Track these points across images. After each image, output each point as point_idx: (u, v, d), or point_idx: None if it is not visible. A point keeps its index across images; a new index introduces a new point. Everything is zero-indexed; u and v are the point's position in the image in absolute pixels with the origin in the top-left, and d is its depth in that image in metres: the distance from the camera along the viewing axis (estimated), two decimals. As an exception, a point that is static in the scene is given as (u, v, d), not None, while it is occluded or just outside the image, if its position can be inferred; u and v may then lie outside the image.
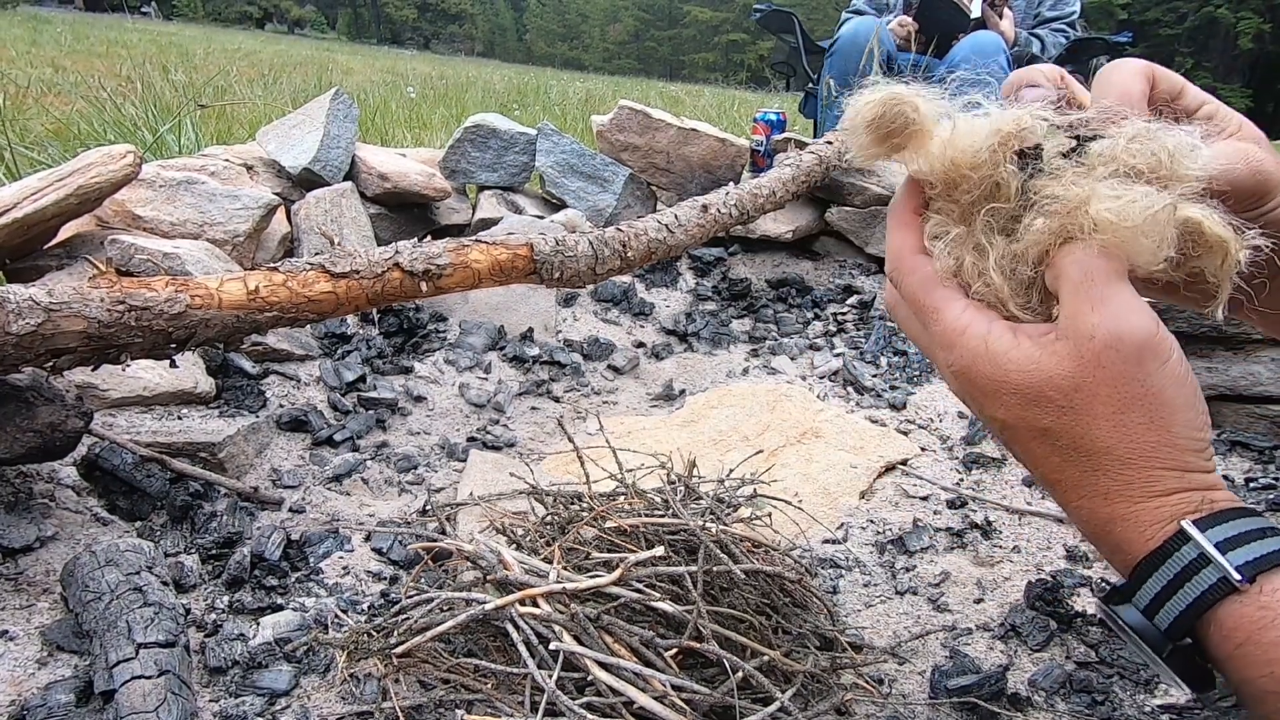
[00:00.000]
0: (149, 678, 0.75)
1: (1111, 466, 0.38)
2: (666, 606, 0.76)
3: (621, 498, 1.02)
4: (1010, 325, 0.41)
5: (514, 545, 0.97)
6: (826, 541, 1.19)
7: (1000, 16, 2.67)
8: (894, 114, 0.43)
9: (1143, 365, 0.37)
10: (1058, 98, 0.43)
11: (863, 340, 1.89)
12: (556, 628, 0.75)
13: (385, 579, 1.07)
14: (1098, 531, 0.40)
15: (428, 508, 1.20)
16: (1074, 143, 0.41)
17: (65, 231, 1.45)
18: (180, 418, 1.25)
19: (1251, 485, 1.25)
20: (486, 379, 1.65)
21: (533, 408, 1.60)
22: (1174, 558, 0.37)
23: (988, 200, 0.42)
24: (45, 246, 1.42)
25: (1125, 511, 0.39)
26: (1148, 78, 0.43)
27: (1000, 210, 0.42)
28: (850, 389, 1.70)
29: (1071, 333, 0.38)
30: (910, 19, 2.70)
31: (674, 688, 0.70)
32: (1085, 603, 1.04)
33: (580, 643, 0.74)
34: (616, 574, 0.77)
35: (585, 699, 0.71)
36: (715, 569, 0.83)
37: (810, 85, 3.24)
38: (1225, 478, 1.26)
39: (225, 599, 0.97)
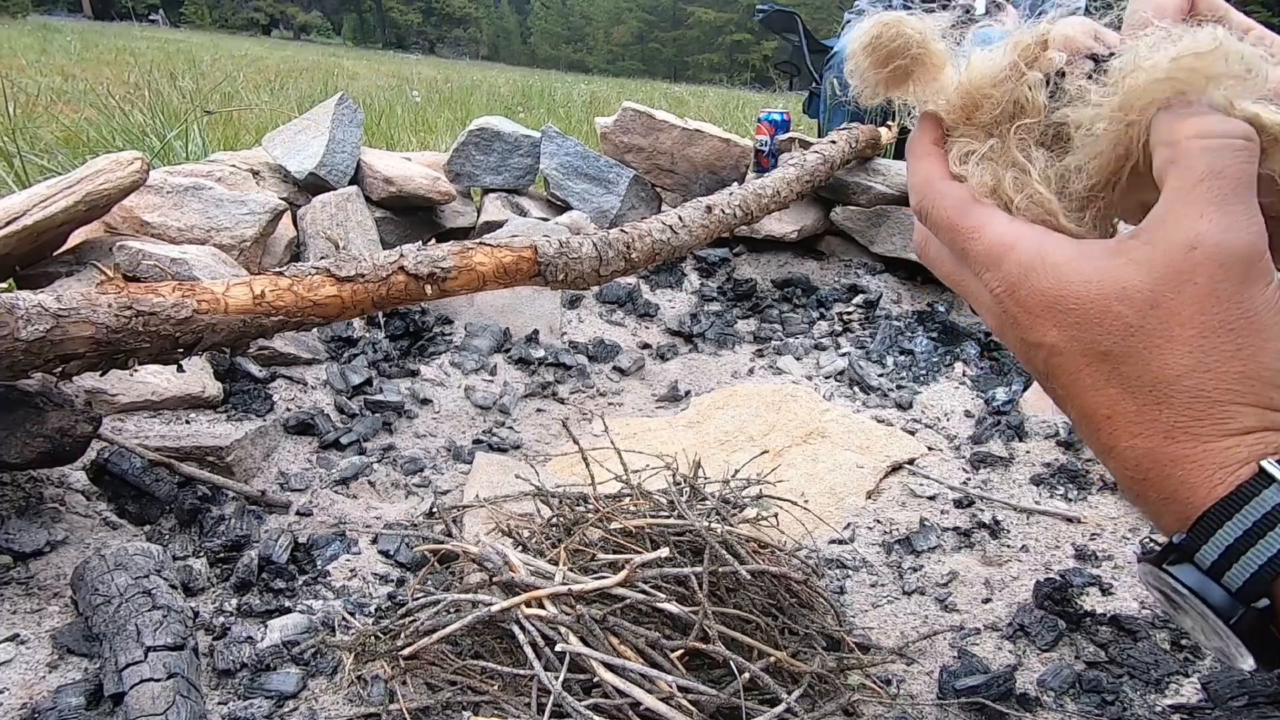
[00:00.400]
0: (158, 680, 0.75)
1: (1179, 398, 0.33)
2: (672, 608, 0.76)
3: (627, 499, 1.02)
4: (1069, 238, 0.36)
5: (520, 547, 0.97)
6: (833, 542, 1.19)
7: (1002, 11, 2.66)
8: (890, 35, 0.41)
9: (1247, 285, 0.32)
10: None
11: (869, 340, 1.88)
12: (562, 629, 0.75)
13: (392, 581, 1.07)
14: (1150, 477, 0.34)
15: (434, 510, 1.20)
16: (1091, 64, 0.38)
17: (74, 238, 1.46)
18: (188, 422, 1.26)
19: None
20: (492, 381, 1.66)
21: (538, 410, 1.60)
22: (1252, 504, 0.31)
23: (1014, 119, 0.39)
24: (55, 253, 1.43)
25: (1190, 451, 0.33)
26: None
27: (1032, 125, 0.39)
28: (856, 389, 1.69)
29: (1164, 238, 0.32)
30: None
31: (680, 689, 0.70)
32: (1094, 602, 1.04)
33: (586, 644, 0.74)
34: (622, 575, 0.77)
35: (592, 700, 0.71)
36: (721, 570, 0.83)
37: (814, 85, 3.23)
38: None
39: (233, 602, 0.98)
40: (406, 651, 0.79)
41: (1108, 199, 0.38)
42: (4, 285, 1.39)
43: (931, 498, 1.30)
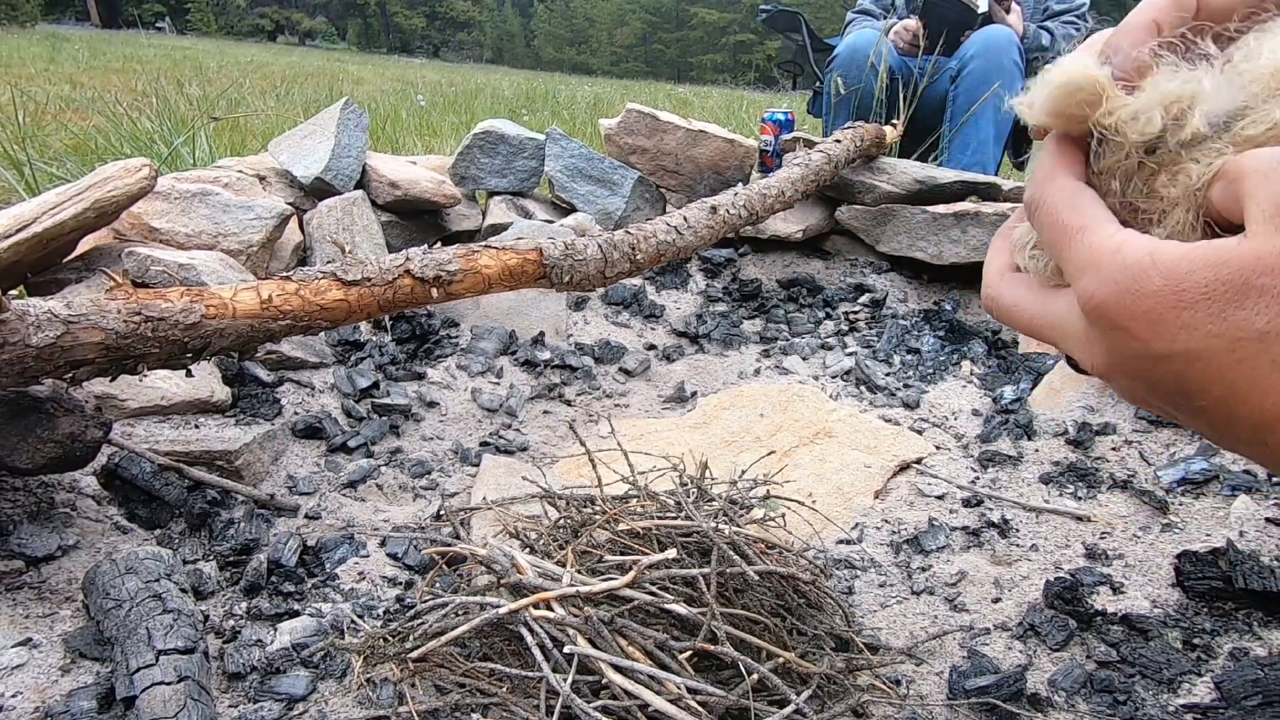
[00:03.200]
0: (169, 684, 0.76)
1: None
2: (680, 609, 0.76)
3: (634, 500, 1.02)
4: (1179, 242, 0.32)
5: (527, 549, 0.97)
6: (841, 542, 1.19)
7: (1008, 11, 2.64)
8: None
9: None
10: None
11: (875, 339, 1.88)
12: (571, 631, 0.75)
13: (400, 584, 1.07)
14: None
15: (442, 513, 1.21)
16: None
17: (84, 245, 1.47)
18: (197, 426, 1.26)
19: (1275, 480, 1.23)
20: (498, 384, 1.66)
21: (545, 411, 1.60)
22: None
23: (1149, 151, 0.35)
24: (64, 260, 1.45)
25: None
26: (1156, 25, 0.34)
27: (1155, 163, 0.35)
28: (863, 388, 1.69)
29: (1270, 198, 0.28)
30: (915, 20, 2.68)
31: (689, 690, 0.70)
32: (1105, 601, 1.03)
33: (594, 646, 0.74)
34: (630, 576, 0.77)
35: (600, 702, 0.71)
36: (729, 571, 0.83)
37: (818, 84, 3.22)
38: (1247, 472, 1.24)
39: (243, 605, 0.98)
40: (415, 654, 0.79)
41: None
42: (15, 292, 1.40)
43: (940, 497, 1.30)
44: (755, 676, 0.73)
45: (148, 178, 1.37)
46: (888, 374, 1.74)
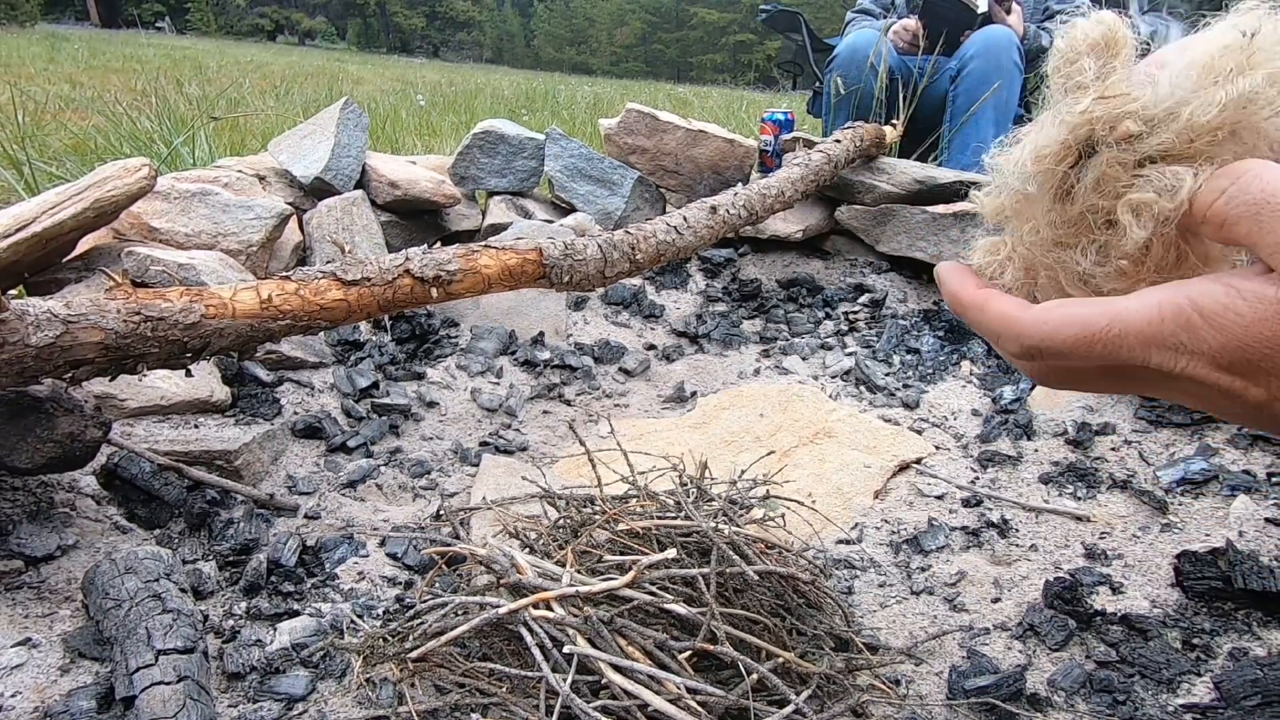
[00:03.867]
0: (168, 684, 0.76)
1: None
2: (680, 609, 0.76)
3: (634, 500, 1.02)
4: (1204, 277, 0.32)
5: (527, 549, 0.97)
6: (840, 542, 1.19)
7: (1008, 11, 2.64)
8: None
9: None
10: None
11: (875, 339, 1.88)
12: (570, 631, 0.75)
13: (400, 584, 1.07)
14: None
15: (441, 513, 1.21)
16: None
17: (83, 244, 1.47)
18: (197, 426, 1.26)
19: (1274, 480, 1.23)
20: (498, 383, 1.66)
21: (544, 411, 1.60)
22: None
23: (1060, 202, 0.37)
24: (64, 260, 1.45)
25: None
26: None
27: (1074, 218, 0.37)
28: (863, 388, 1.69)
29: None
30: (915, 20, 2.68)
31: (689, 690, 0.70)
32: (1104, 601, 1.03)
33: (594, 646, 0.74)
34: (629, 576, 0.77)
35: (600, 702, 0.71)
36: (728, 570, 0.83)
37: (818, 85, 3.22)
38: (1246, 472, 1.24)
39: (242, 605, 0.98)
40: (415, 654, 0.79)
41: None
42: (15, 291, 1.40)
43: (939, 497, 1.30)
44: (755, 676, 0.73)
45: (147, 177, 1.37)
46: (887, 374, 1.74)
